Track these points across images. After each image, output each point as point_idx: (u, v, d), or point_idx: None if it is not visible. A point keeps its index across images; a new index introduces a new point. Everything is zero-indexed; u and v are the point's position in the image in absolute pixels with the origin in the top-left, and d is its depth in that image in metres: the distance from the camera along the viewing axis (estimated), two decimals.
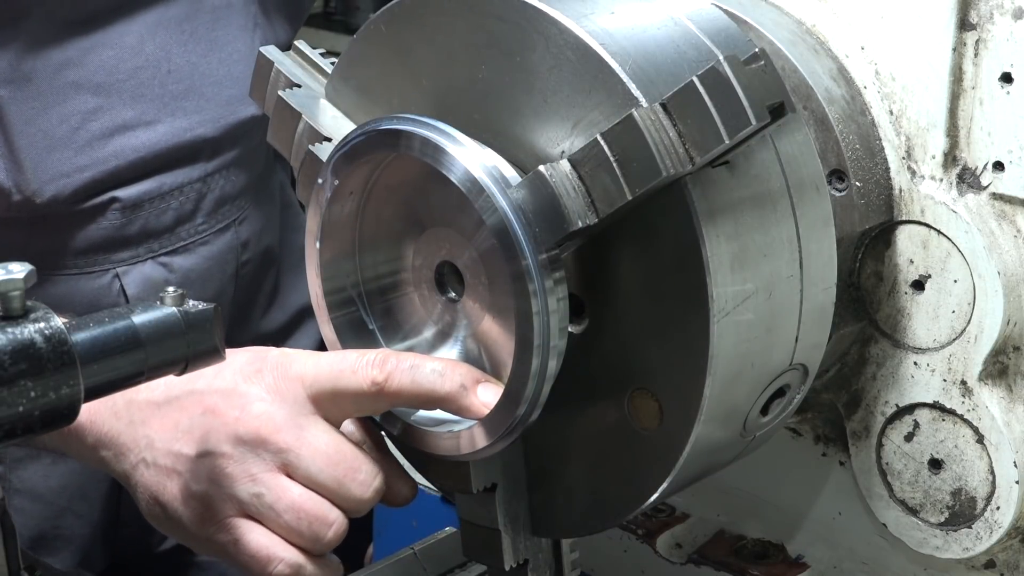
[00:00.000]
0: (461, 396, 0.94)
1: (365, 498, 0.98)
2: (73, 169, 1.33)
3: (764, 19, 1.02)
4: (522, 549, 1.00)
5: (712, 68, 0.81)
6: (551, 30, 0.88)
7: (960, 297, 1.00)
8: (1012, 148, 0.97)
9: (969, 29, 0.97)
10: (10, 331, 0.79)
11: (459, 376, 0.95)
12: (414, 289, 1.00)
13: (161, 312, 0.90)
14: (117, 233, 1.37)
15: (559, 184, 0.86)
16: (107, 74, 1.34)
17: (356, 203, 1.00)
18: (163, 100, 1.37)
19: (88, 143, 1.34)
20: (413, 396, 0.96)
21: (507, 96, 0.91)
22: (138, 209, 1.38)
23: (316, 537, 0.98)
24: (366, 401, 0.97)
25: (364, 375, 0.96)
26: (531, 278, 0.88)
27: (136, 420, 1.02)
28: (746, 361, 0.90)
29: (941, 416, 1.03)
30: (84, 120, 1.33)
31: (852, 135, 1.01)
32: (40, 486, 1.43)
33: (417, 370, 0.95)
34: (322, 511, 0.98)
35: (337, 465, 0.97)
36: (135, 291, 1.39)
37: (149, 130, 1.37)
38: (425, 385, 0.95)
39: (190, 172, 1.41)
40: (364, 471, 0.98)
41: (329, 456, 0.97)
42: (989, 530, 1.02)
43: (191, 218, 1.42)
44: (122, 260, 1.39)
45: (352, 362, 0.97)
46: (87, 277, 1.38)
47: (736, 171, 0.87)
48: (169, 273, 1.42)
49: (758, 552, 1.18)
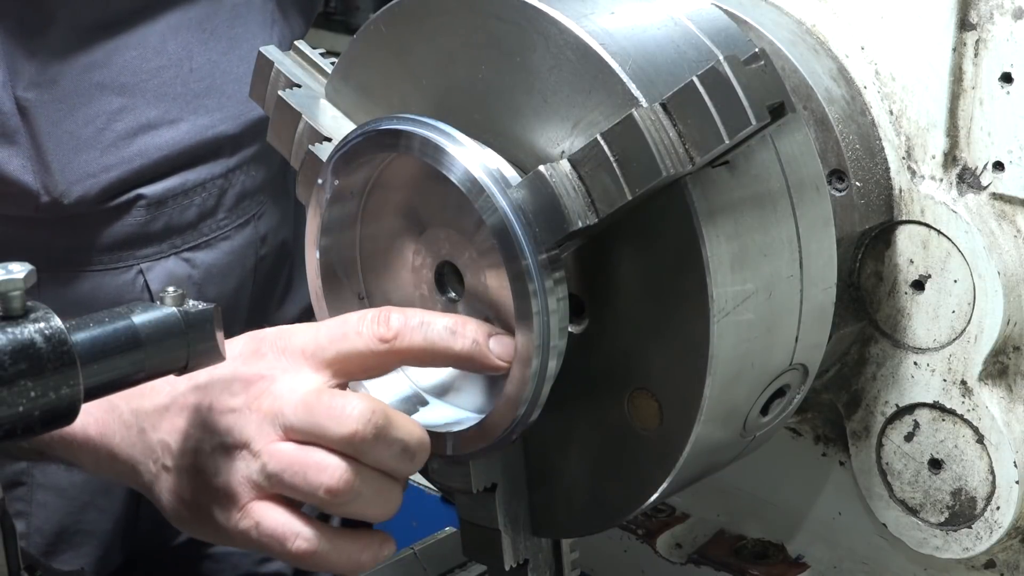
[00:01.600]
0: (476, 353, 0.92)
1: (344, 433, 0.93)
2: (99, 169, 1.35)
3: (764, 19, 1.02)
4: (522, 549, 1.00)
5: (712, 68, 0.81)
6: (551, 30, 0.88)
7: (960, 297, 1.00)
8: (1012, 148, 0.97)
9: (969, 29, 0.97)
10: (10, 331, 0.79)
11: (471, 331, 0.93)
12: (415, 290, 1.00)
13: (161, 312, 0.90)
14: (141, 230, 1.39)
15: (559, 184, 0.86)
16: (131, 74, 1.36)
17: (356, 203, 1.00)
18: (185, 99, 1.39)
19: (113, 143, 1.36)
20: (425, 354, 0.94)
21: (507, 96, 0.91)
22: (162, 206, 1.40)
23: (314, 486, 0.94)
24: (374, 360, 0.95)
25: (369, 334, 0.94)
26: (531, 278, 0.88)
27: (147, 427, 1.01)
28: (746, 361, 0.90)
29: (941, 416, 1.03)
30: (109, 120, 1.35)
31: (852, 135, 1.01)
32: (63, 481, 1.44)
33: (429, 327, 0.93)
34: (311, 459, 0.94)
35: (314, 408, 0.94)
36: (159, 287, 1.40)
37: (172, 128, 1.39)
38: (439, 343, 0.93)
39: (212, 168, 1.43)
40: (348, 408, 0.93)
41: (308, 403, 0.94)
42: (989, 530, 1.02)
43: (213, 214, 1.44)
44: (146, 256, 1.41)
45: (354, 324, 0.95)
46: (112, 273, 1.40)
47: (736, 171, 0.87)
48: (192, 268, 1.43)
49: (758, 552, 1.18)
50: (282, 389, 0.96)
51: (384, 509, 0.97)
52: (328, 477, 0.94)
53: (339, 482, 0.94)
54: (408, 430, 0.95)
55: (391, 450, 0.94)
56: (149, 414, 1.00)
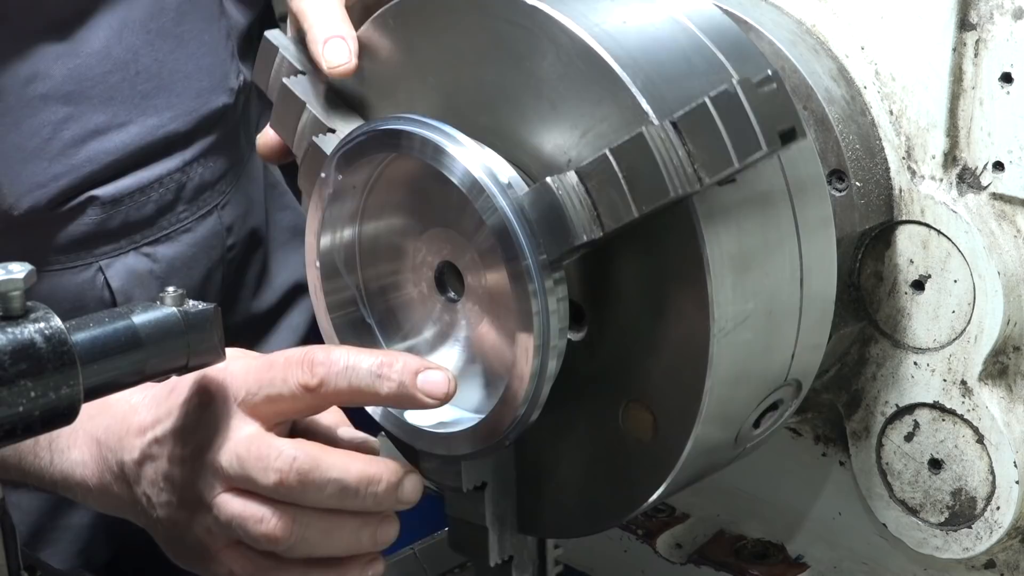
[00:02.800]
0: (402, 394, 0.92)
1: (269, 483, 0.94)
2: (48, 179, 1.33)
3: (764, 19, 1.02)
4: (507, 546, 1.01)
5: (725, 91, 0.80)
6: (562, 38, 0.87)
7: (960, 297, 1.00)
8: (1012, 148, 0.97)
9: (969, 29, 0.97)
10: (10, 331, 0.79)
11: (396, 373, 0.92)
12: (415, 289, 1.00)
13: (161, 312, 0.90)
14: (98, 228, 1.38)
15: (565, 197, 0.85)
16: (76, 83, 1.33)
17: (358, 201, 1.00)
18: (133, 101, 1.37)
19: (61, 151, 1.34)
20: (351, 398, 0.95)
21: (514, 100, 0.91)
22: (118, 204, 1.38)
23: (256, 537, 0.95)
24: (303, 404, 0.96)
25: (293, 380, 0.94)
26: (531, 278, 0.87)
27: (131, 480, 1.03)
28: (743, 378, 0.89)
29: (941, 416, 1.03)
30: (55, 130, 1.33)
31: (852, 135, 1.01)
32: None
33: (354, 373, 0.93)
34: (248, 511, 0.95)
35: (244, 458, 0.95)
36: (119, 283, 1.39)
37: (122, 131, 1.37)
38: (364, 388, 0.93)
39: (167, 164, 1.41)
40: (271, 456, 0.94)
41: (239, 453, 0.95)
42: (989, 530, 1.02)
43: (172, 208, 1.42)
44: (105, 254, 1.39)
45: (280, 370, 0.95)
46: (71, 272, 1.38)
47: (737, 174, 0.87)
48: (153, 263, 1.42)
49: (758, 552, 1.18)
50: (219, 439, 0.97)
51: (348, 544, 0.97)
52: (265, 527, 0.95)
53: (275, 530, 0.95)
54: (342, 468, 0.94)
55: (324, 491, 0.94)
56: (131, 468, 1.02)
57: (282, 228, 1.59)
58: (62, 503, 1.45)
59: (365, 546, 0.98)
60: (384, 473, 0.95)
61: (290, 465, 0.94)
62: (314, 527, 0.96)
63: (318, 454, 0.95)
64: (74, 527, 1.47)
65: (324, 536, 0.96)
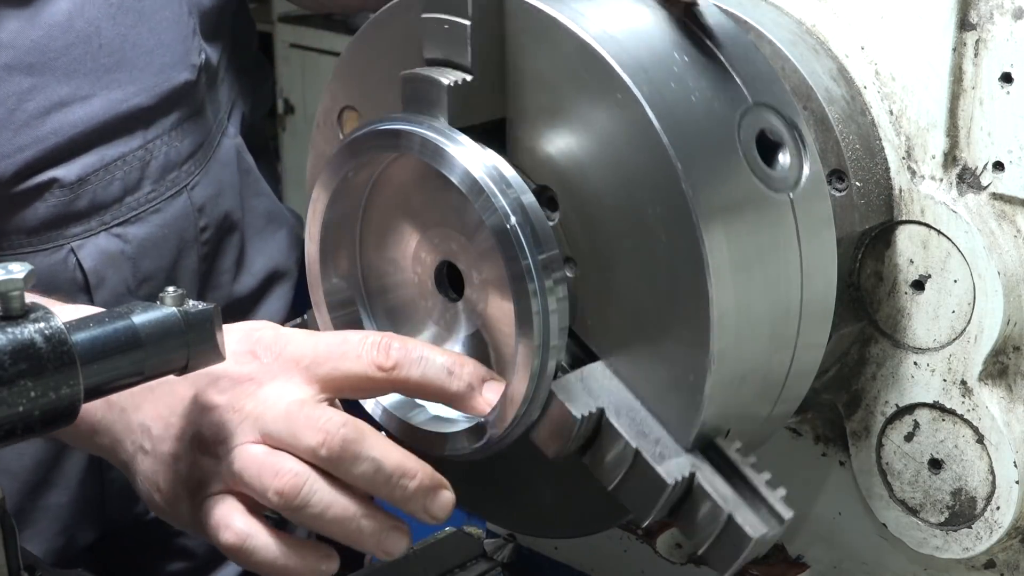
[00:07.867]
0: (468, 396, 0.95)
1: (311, 443, 0.94)
2: (13, 150, 1.34)
3: (764, 19, 1.02)
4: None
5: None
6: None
7: (960, 297, 1.00)
8: (1012, 148, 0.97)
9: (969, 29, 0.97)
10: (10, 331, 0.79)
11: (467, 375, 0.95)
12: (415, 288, 1.00)
13: (161, 312, 0.90)
14: (67, 209, 1.38)
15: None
16: (39, 54, 1.34)
17: (359, 198, 1.00)
18: (96, 74, 1.38)
19: (26, 122, 1.34)
20: (419, 388, 0.96)
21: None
22: (84, 184, 1.38)
23: (265, 487, 0.95)
24: (368, 385, 0.96)
25: (369, 359, 0.95)
26: (531, 278, 0.88)
27: (128, 407, 1.02)
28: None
29: (941, 416, 1.03)
30: (20, 100, 1.34)
31: (852, 135, 1.01)
32: (14, 465, 1.43)
33: (428, 364, 0.95)
34: (272, 461, 0.95)
35: (294, 418, 0.95)
36: (91, 264, 1.39)
37: (85, 104, 1.37)
38: (435, 381, 0.95)
39: (130, 142, 1.41)
40: (322, 420, 0.94)
41: (289, 413, 0.95)
42: (989, 530, 1.02)
43: (138, 187, 1.43)
44: (75, 235, 1.39)
45: (355, 345, 0.96)
46: (42, 254, 1.38)
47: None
48: (124, 244, 1.42)
49: None
50: (268, 395, 0.97)
51: (347, 533, 0.96)
52: (279, 480, 0.94)
53: (286, 485, 0.94)
54: (383, 451, 0.95)
55: (360, 466, 0.94)
56: (133, 394, 1.00)
57: (257, 214, 1.59)
58: (41, 483, 1.45)
59: (365, 544, 0.97)
60: (421, 472, 0.95)
61: (338, 429, 0.94)
62: (324, 498, 0.95)
63: (366, 429, 0.95)
64: (53, 507, 1.46)
65: (328, 511, 0.95)
